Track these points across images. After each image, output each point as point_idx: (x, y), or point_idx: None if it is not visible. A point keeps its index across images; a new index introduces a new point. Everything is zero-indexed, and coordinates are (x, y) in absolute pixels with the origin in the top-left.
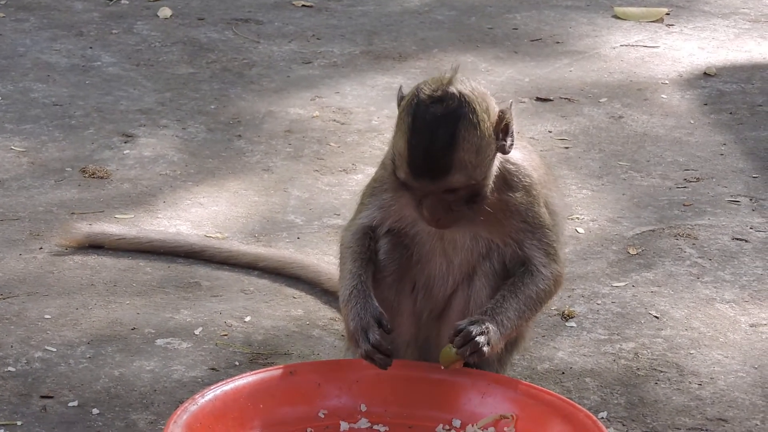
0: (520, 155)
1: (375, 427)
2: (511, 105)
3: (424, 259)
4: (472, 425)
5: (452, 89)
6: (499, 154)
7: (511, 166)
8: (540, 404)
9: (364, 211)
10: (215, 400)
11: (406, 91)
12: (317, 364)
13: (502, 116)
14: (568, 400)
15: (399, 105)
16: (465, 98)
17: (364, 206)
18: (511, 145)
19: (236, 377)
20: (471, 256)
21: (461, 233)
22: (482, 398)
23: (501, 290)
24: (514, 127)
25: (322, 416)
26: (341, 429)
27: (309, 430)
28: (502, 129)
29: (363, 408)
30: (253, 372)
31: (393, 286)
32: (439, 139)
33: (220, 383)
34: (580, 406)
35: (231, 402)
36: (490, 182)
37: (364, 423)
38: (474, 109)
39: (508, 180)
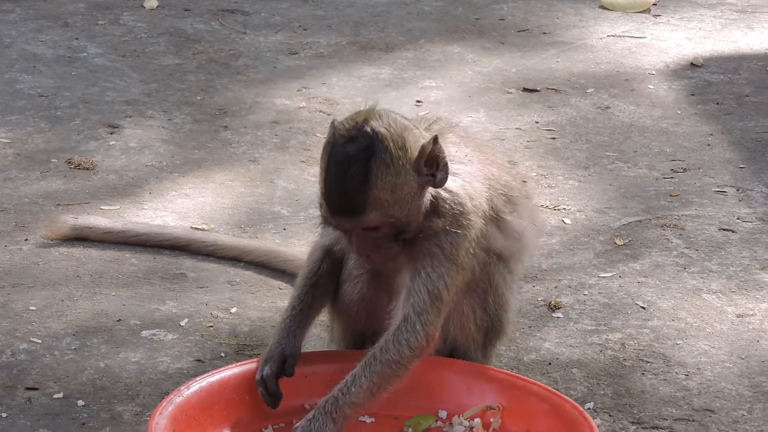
0: (459, 183)
1: (361, 418)
2: (435, 138)
3: (377, 288)
4: (459, 416)
5: (366, 127)
6: (431, 189)
7: (445, 194)
8: (526, 395)
9: (324, 231)
10: (201, 392)
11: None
12: (303, 356)
13: (422, 151)
14: (554, 390)
15: None
16: (378, 136)
17: (323, 227)
18: (443, 178)
19: (222, 369)
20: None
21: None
22: (468, 389)
23: (359, 364)
24: (445, 157)
25: (308, 408)
26: None
27: (295, 421)
28: (429, 162)
29: None
30: (240, 363)
31: (371, 284)
32: (350, 178)
33: (206, 375)
34: (566, 397)
35: (216, 394)
36: (419, 218)
37: None
38: (386, 146)
39: (438, 207)
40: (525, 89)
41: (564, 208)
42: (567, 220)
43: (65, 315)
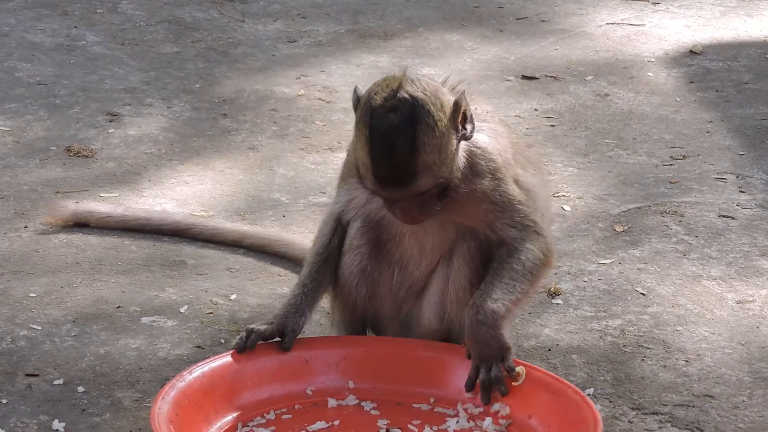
0: (486, 138)
1: (363, 404)
2: (464, 92)
3: (395, 240)
4: (462, 404)
5: (403, 94)
6: (462, 142)
7: (477, 150)
8: (528, 380)
9: (337, 197)
10: (203, 377)
11: (362, 92)
12: (305, 341)
13: (457, 107)
14: (556, 376)
15: (355, 108)
16: (418, 101)
17: (338, 190)
18: (473, 129)
19: (224, 354)
20: (443, 239)
21: (434, 225)
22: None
23: (486, 277)
24: (472, 111)
25: (310, 393)
26: (329, 405)
27: (297, 406)
28: (461, 118)
29: (351, 385)
30: (244, 347)
31: (371, 257)
32: (399, 148)
33: (208, 360)
34: (568, 383)
35: (219, 379)
36: (458, 173)
37: (351, 400)
38: (428, 110)
39: (474, 166)
40: (524, 77)
41: (564, 195)
42: (566, 207)
43: (65, 302)
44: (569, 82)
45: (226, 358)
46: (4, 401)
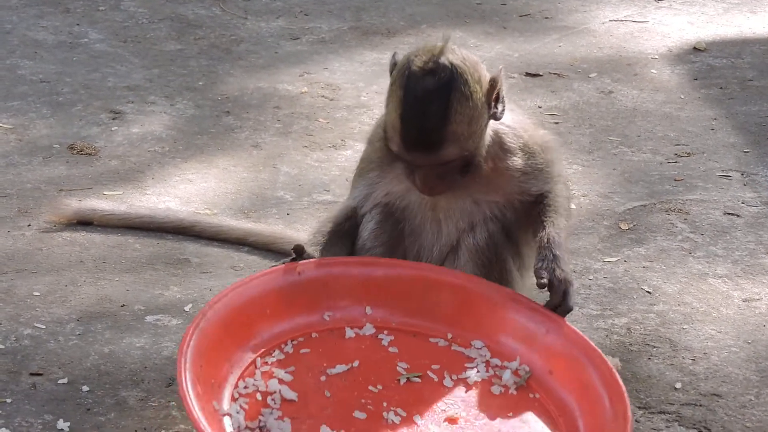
0: (511, 117)
1: (380, 336)
2: (501, 71)
3: (415, 231)
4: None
5: (444, 60)
6: (491, 121)
7: (505, 128)
8: (557, 336)
9: (352, 194)
10: (223, 311)
11: (400, 57)
12: (324, 262)
13: (493, 84)
14: (584, 337)
15: (391, 72)
16: (457, 69)
17: (354, 186)
18: (503, 111)
19: (244, 281)
20: (457, 228)
21: (456, 201)
22: (495, 318)
23: (538, 222)
24: (504, 91)
25: (327, 318)
26: (346, 336)
27: (314, 335)
28: (494, 96)
29: (368, 311)
30: (260, 273)
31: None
32: (431, 113)
33: (226, 290)
34: (595, 346)
35: (236, 314)
36: (483, 150)
37: (369, 329)
38: (466, 80)
39: (503, 144)
40: (527, 74)
41: None
42: (571, 205)
43: (69, 300)
44: (573, 79)
45: (242, 288)
46: (8, 401)
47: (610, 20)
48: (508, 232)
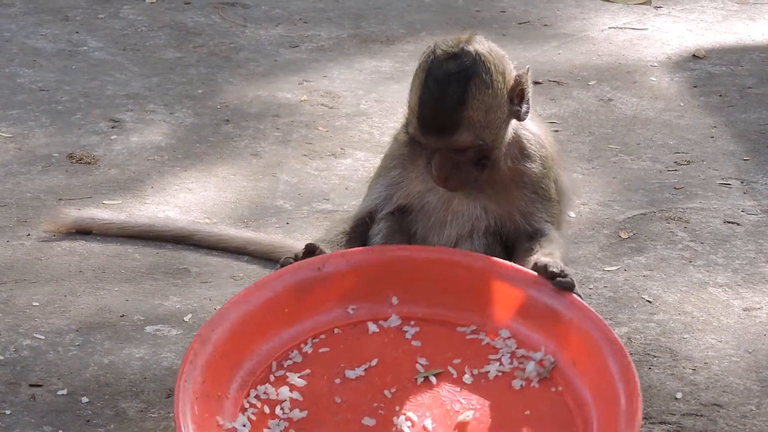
0: (536, 126)
1: (405, 328)
2: (528, 70)
3: (424, 234)
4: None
5: (469, 47)
6: (514, 121)
7: (528, 134)
8: (580, 328)
9: (369, 196)
10: (236, 316)
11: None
12: (343, 253)
13: (518, 80)
14: (608, 329)
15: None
16: (480, 57)
17: (371, 190)
18: (527, 112)
19: (262, 281)
20: (458, 233)
21: (469, 205)
22: (519, 305)
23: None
24: (531, 95)
25: (351, 312)
26: (369, 331)
27: (336, 330)
28: (518, 94)
29: (394, 301)
30: (280, 272)
31: None
32: (449, 95)
33: (235, 297)
34: (618, 339)
35: (249, 320)
36: (503, 147)
37: (394, 321)
38: (488, 68)
39: (524, 149)
40: None
41: None
42: (571, 213)
43: (68, 311)
44: (572, 87)
45: (263, 290)
46: (7, 412)
47: (610, 28)
48: (505, 246)
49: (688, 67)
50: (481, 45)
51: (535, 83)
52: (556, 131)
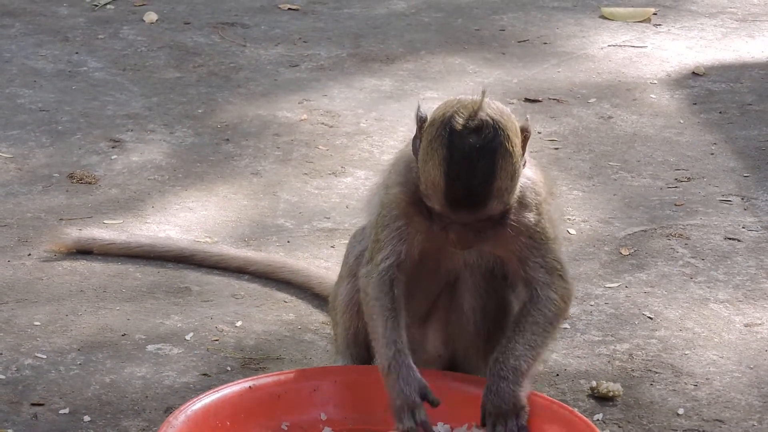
0: (531, 170)
1: None
2: (528, 120)
3: (418, 281)
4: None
5: (485, 117)
6: None
7: (526, 182)
8: (538, 410)
9: (383, 250)
10: (188, 422)
11: (426, 111)
12: (275, 376)
13: (526, 135)
14: (564, 405)
15: (420, 127)
16: (499, 126)
17: (381, 244)
18: (526, 161)
19: (202, 396)
20: (464, 263)
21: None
22: (467, 400)
23: (507, 332)
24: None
25: (285, 428)
26: None
27: None
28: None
29: (323, 416)
30: (215, 389)
31: None
32: (479, 171)
33: (188, 402)
34: (577, 412)
35: (201, 422)
36: (515, 202)
37: None
38: (508, 135)
39: (523, 198)
40: (527, 99)
41: (569, 219)
42: (572, 231)
43: (70, 330)
44: (572, 105)
45: (204, 401)
46: (10, 431)
47: (609, 45)
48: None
49: (687, 84)
50: (493, 110)
51: (535, 101)
52: (556, 149)
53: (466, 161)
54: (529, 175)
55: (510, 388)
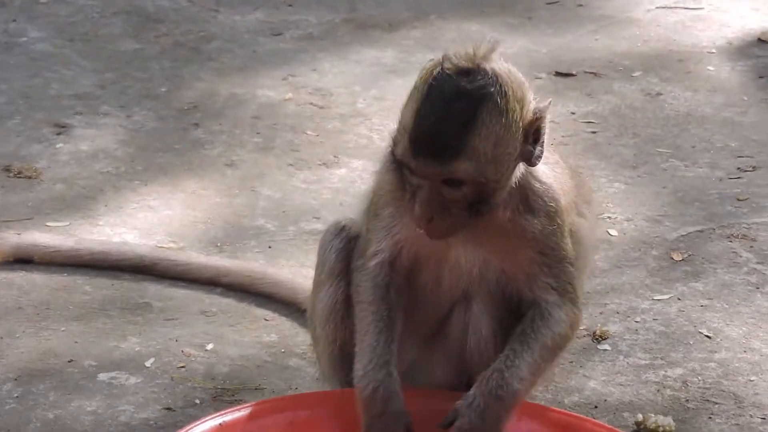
0: (550, 174)
1: None
2: (549, 104)
3: (417, 293)
4: None
5: (485, 65)
6: (522, 164)
7: (537, 185)
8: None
9: (374, 243)
10: None
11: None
12: (245, 409)
13: (537, 115)
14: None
15: None
16: (498, 78)
17: (371, 234)
18: (539, 156)
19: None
20: (469, 276)
21: (468, 258)
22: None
23: (510, 342)
24: (546, 136)
25: None
26: None
27: None
28: (533, 132)
29: None
30: (181, 429)
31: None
32: (454, 114)
33: None
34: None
35: None
36: (504, 192)
37: None
38: (505, 92)
39: (530, 200)
40: (558, 73)
41: (609, 217)
42: (613, 232)
43: (5, 355)
44: (613, 79)
45: None
46: None
47: (657, 7)
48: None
49: (752, 53)
50: (500, 65)
51: (568, 75)
52: (594, 132)
53: (443, 100)
54: (544, 177)
55: (501, 413)
